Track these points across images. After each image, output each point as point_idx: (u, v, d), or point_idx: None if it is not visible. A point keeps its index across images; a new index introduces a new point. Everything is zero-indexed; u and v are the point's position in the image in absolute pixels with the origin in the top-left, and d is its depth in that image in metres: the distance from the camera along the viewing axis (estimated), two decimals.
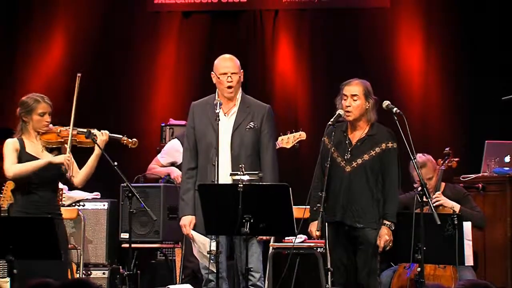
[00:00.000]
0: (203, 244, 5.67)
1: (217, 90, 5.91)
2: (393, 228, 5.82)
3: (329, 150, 5.87)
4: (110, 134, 6.07)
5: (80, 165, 6.08)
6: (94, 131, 6.02)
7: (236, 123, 5.84)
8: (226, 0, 9.21)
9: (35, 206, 5.89)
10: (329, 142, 5.92)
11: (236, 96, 5.89)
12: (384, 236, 5.80)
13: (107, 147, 6.03)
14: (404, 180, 6.29)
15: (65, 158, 5.89)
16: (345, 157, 5.93)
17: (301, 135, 7.14)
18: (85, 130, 6.01)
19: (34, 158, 5.95)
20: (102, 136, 6.01)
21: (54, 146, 6.03)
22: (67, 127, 5.99)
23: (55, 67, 9.28)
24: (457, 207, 6.64)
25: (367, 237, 5.83)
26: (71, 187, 6.86)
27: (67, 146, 5.94)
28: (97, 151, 6.01)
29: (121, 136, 6.17)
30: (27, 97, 6.03)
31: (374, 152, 5.91)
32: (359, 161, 5.91)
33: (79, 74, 6.08)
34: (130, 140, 6.16)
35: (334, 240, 5.96)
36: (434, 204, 6.40)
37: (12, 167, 5.88)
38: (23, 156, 5.95)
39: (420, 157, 6.66)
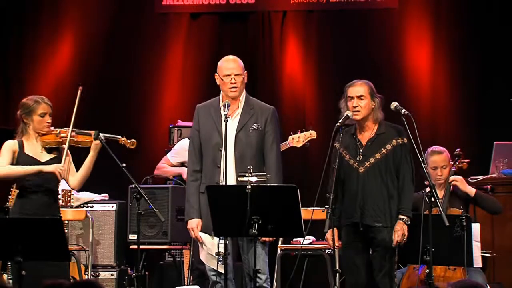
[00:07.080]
0: (214, 245, 5.66)
1: (221, 92, 5.89)
2: (409, 222, 5.78)
3: (338, 152, 5.84)
4: (106, 135, 6.03)
5: (77, 166, 6.06)
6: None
7: (240, 124, 5.81)
8: (234, 1, 9.21)
9: (30, 209, 5.89)
10: (338, 144, 5.89)
11: (240, 98, 5.87)
12: (400, 231, 5.77)
13: (115, 148, 6.03)
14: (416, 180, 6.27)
15: (57, 168, 5.85)
16: (357, 158, 5.90)
17: (312, 134, 7.14)
18: (87, 131, 5.98)
19: (32, 159, 5.95)
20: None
21: (53, 146, 6.01)
22: (67, 129, 5.96)
23: (63, 69, 9.29)
24: (472, 191, 6.59)
25: (383, 238, 5.79)
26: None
27: (65, 146, 5.91)
28: (92, 152, 5.97)
29: (119, 136, 6.13)
30: (27, 99, 6.03)
31: (386, 150, 5.89)
32: (372, 160, 5.89)
33: (80, 88, 6.07)
34: (128, 140, 6.11)
35: (349, 241, 5.91)
36: (450, 183, 6.51)
37: (0, 168, 5.88)
38: (21, 157, 5.95)
39: (437, 147, 6.67)
